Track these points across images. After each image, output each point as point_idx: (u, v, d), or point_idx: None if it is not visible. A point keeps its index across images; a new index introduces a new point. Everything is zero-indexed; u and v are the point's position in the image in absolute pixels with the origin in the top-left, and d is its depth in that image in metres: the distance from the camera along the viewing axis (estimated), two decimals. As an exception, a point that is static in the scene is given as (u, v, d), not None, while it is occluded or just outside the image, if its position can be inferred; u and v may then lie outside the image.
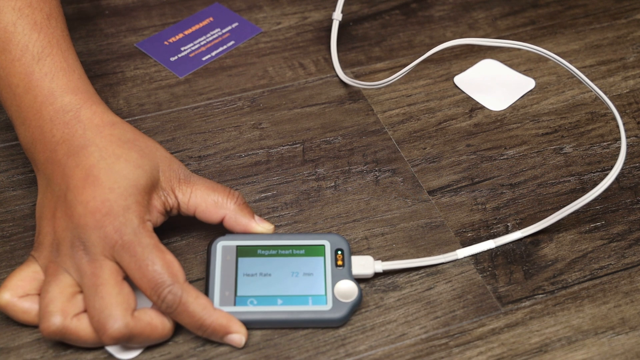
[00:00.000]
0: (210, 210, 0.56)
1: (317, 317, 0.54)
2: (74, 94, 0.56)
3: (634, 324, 0.55)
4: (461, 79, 0.72)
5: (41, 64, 0.56)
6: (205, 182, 0.57)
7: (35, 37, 0.56)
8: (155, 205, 0.54)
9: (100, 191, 0.52)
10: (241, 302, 0.54)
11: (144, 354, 0.53)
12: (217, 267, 0.55)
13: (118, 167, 0.53)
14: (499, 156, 0.66)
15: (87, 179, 0.52)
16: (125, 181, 0.52)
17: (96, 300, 0.50)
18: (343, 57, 0.73)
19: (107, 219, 0.51)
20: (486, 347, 0.54)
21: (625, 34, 0.77)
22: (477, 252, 0.59)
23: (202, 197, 0.56)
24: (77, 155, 0.53)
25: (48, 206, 0.54)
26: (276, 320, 0.54)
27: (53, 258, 0.52)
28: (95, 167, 0.53)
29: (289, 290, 0.55)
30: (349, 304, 0.54)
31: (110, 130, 0.55)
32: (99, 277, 0.50)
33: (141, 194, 0.53)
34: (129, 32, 0.75)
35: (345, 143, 0.66)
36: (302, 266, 0.56)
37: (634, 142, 0.67)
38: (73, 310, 0.51)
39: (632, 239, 0.60)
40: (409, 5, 0.79)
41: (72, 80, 0.56)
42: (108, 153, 0.53)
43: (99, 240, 0.51)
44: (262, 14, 0.78)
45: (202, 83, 0.71)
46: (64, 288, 0.51)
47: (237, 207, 0.56)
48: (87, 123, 0.55)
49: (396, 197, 0.63)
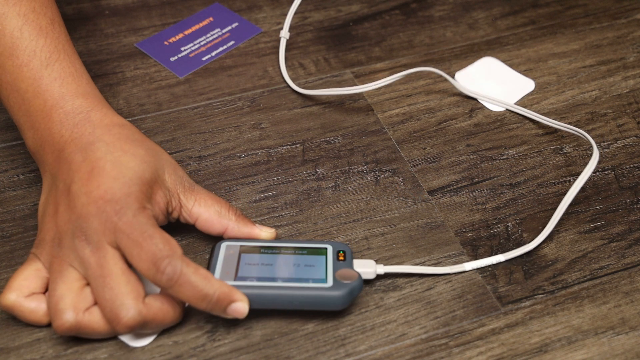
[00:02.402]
0: (213, 220, 0.56)
1: (317, 293, 0.53)
2: (84, 97, 0.57)
3: (634, 324, 0.55)
4: (461, 76, 0.72)
5: (50, 69, 0.57)
6: (208, 193, 0.57)
7: (42, 42, 0.57)
8: (157, 200, 0.54)
9: (104, 180, 0.52)
10: (241, 279, 0.54)
11: (143, 354, 0.53)
12: (219, 259, 0.55)
13: (124, 160, 0.53)
14: (499, 156, 0.66)
15: (93, 171, 0.53)
16: (131, 172, 0.53)
17: (106, 292, 0.50)
18: (343, 57, 0.74)
19: (108, 204, 0.51)
20: (486, 347, 0.54)
21: (625, 33, 0.77)
22: (485, 265, 0.58)
23: (205, 206, 0.56)
24: (85, 150, 0.54)
25: (52, 203, 0.54)
26: (275, 296, 0.53)
27: (56, 253, 0.52)
28: (102, 159, 0.53)
29: (290, 274, 0.54)
30: (349, 284, 0.54)
31: (119, 130, 0.56)
32: (105, 268, 0.51)
33: (145, 185, 0.53)
34: (129, 32, 0.75)
35: (345, 143, 0.66)
36: (304, 260, 0.56)
37: (634, 142, 0.67)
38: (84, 304, 0.51)
39: (632, 239, 0.60)
40: (409, 5, 0.79)
41: (82, 85, 0.57)
42: (115, 148, 0.54)
43: (100, 226, 0.51)
44: (262, 14, 0.78)
45: (202, 83, 0.71)
46: (71, 283, 0.51)
47: (238, 218, 0.57)
48: (97, 122, 0.55)
49: (396, 197, 0.63)
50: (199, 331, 0.54)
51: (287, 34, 0.73)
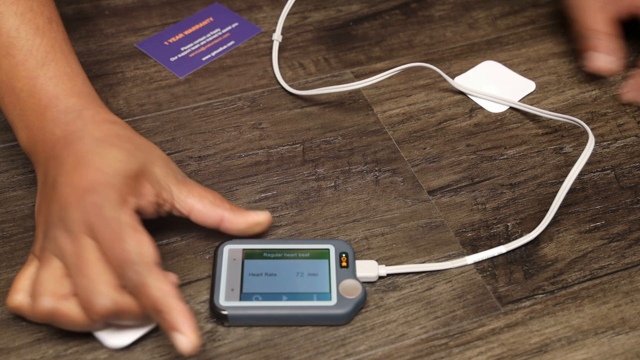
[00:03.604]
0: (208, 209, 0.56)
1: (322, 312, 0.54)
2: (78, 97, 0.57)
3: (634, 324, 0.55)
4: (461, 80, 0.72)
5: (45, 68, 0.57)
6: (200, 185, 0.57)
7: (39, 41, 0.57)
8: (145, 193, 0.54)
9: (88, 172, 0.52)
10: (246, 298, 0.54)
11: (143, 354, 0.53)
12: (223, 268, 0.56)
13: (110, 153, 0.53)
14: (499, 156, 0.66)
15: (78, 164, 0.53)
16: (115, 164, 0.53)
17: (81, 279, 0.50)
18: (343, 57, 0.73)
19: (88, 195, 0.51)
20: (486, 347, 0.54)
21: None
22: (487, 257, 0.58)
23: (199, 197, 0.56)
24: (73, 146, 0.54)
25: (43, 200, 0.54)
26: (281, 316, 0.54)
27: (44, 245, 0.53)
28: (89, 152, 0.53)
29: (294, 288, 0.55)
30: (354, 300, 0.54)
31: (110, 126, 0.56)
32: (81, 257, 0.50)
33: (130, 177, 0.53)
34: (129, 32, 0.75)
35: (345, 143, 0.66)
36: (307, 267, 0.56)
37: (634, 142, 0.67)
38: (62, 291, 0.51)
39: (632, 239, 0.60)
40: (409, 5, 0.79)
41: (77, 84, 0.57)
42: (103, 142, 0.54)
43: (78, 216, 0.51)
44: (262, 14, 0.78)
45: (202, 83, 0.71)
46: (53, 270, 0.51)
47: (232, 207, 0.57)
48: (89, 120, 0.55)
49: (396, 197, 0.63)
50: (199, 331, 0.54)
51: (280, 37, 0.73)
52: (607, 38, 0.69)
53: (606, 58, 0.69)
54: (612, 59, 0.69)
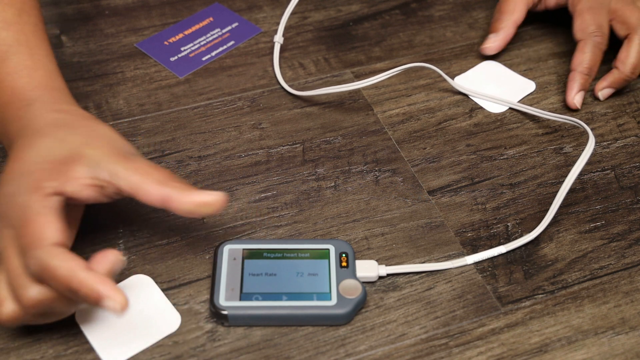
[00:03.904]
0: (153, 188, 0.51)
1: (322, 312, 0.54)
2: (36, 90, 0.56)
3: (634, 324, 0.55)
4: (461, 80, 0.72)
5: (6, 63, 0.56)
6: (150, 163, 0.53)
7: (4, 35, 0.57)
8: (77, 176, 0.51)
9: (14, 165, 0.52)
10: (246, 298, 0.54)
11: (144, 354, 0.53)
12: (223, 268, 0.56)
13: (40, 143, 0.52)
14: (499, 156, 0.66)
15: (11, 159, 0.53)
16: (40, 152, 0.52)
17: (7, 274, 0.50)
18: (343, 57, 0.73)
19: (6, 185, 0.51)
20: (486, 347, 0.54)
21: (626, 33, 0.76)
22: (487, 257, 0.58)
23: (145, 175, 0.51)
24: (19, 141, 0.54)
25: None
26: (281, 316, 0.54)
27: None
28: (24, 146, 0.53)
29: (294, 288, 0.55)
30: (354, 300, 0.54)
31: (56, 116, 0.55)
32: (3, 250, 0.50)
33: (52, 163, 0.51)
34: (129, 32, 0.75)
35: (345, 143, 0.66)
36: (307, 267, 0.56)
37: (634, 142, 0.67)
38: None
39: (632, 239, 0.60)
40: (409, 5, 0.79)
41: (36, 78, 0.57)
42: (38, 133, 0.53)
43: (2, 209, 0.51)
44: (262, 14, 0.78)
45: (202, 83, 0.71)
46: None
47: (182, 186, 0.51)
48: (37, 113, 0.55)
49: (396, 197, 0.63)
50: (199, 331, 0.54)
51: (282, 38, 0.73)
52: (510, 21, 0.73)
53: (495, 37, 0.73)
54: (500, 42, 0.73)
